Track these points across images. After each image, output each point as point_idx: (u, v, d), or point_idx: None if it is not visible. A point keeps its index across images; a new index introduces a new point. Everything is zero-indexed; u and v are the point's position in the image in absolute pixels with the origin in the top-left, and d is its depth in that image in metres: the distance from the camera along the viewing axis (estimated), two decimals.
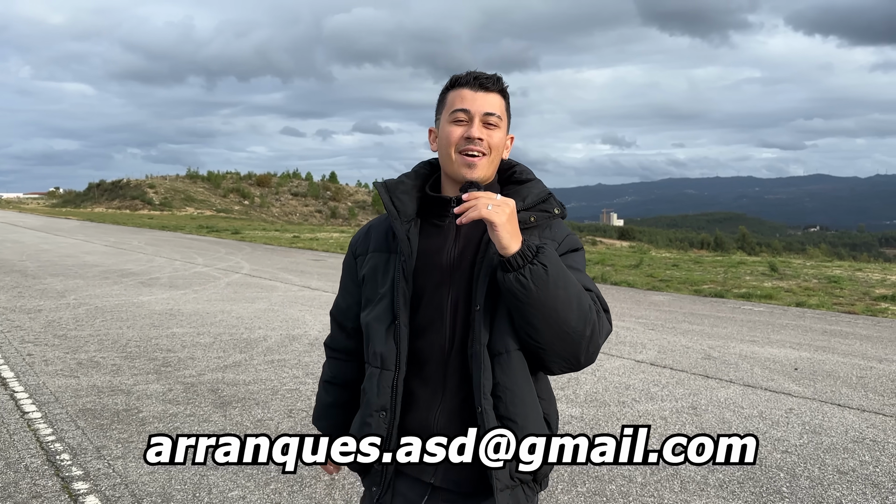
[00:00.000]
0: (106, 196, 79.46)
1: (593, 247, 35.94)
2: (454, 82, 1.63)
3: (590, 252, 21.83)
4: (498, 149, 1.62)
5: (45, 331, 7.71)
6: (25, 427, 4.54)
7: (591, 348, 1.52)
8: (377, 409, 1.73)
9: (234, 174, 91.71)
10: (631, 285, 12.80)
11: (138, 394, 5.31)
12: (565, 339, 1.49)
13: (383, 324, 1.64)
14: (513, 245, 1.44)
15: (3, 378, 5.71)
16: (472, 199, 1.44)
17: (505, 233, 1.43)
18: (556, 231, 1.62)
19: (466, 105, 1.59)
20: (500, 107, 1.62)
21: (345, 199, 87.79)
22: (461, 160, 1.58)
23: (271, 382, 5.67)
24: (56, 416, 4.75)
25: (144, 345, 7.06)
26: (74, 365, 6.18)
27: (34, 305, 9.49)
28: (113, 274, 13.54)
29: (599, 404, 5.20)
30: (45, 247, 20.92)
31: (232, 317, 8.78)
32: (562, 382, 5.78)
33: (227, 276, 13.42)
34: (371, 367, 1.70)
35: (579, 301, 1.47)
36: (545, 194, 1.63)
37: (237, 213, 68.81)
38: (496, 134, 1.60)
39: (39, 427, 4.53)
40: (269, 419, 4.76)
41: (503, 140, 1.63)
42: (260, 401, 5.17)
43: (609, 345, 7.34)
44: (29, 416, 4.75)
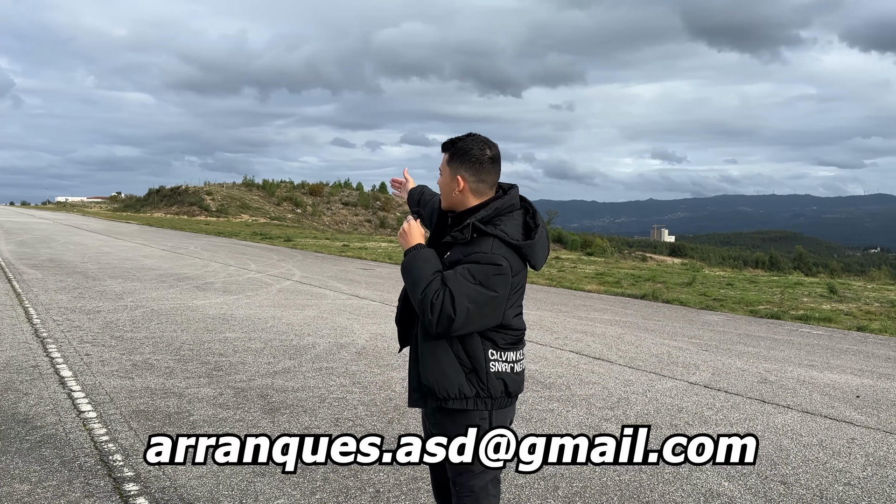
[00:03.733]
0: (165, 201, 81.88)
1: (643, 263, 35.30)
2: None
3: (640, 269, 21.46)
4: (443, 190, 2.51)
5: (102, 332, 7.95)
6: (81, 426, 4.67)
7: (424, 319, 2.31)
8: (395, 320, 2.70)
9: (287, 183, 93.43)
10: (683, 304, 12.51)
11: (190, 397, 5.41)
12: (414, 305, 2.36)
13: None
14: (403, 246, 2.47)
15: (62, 377, 5.90)
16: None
17: (399, 241, 2.49)
18: (472, 247, 2.35)
19: None
20: (442, 162, 2.50)
21: (394, 209, 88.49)
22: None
23: (319, 390, 5.71)
24: (110, 417, 4.87)
25: (197, 348, 7.20)
26: (130, 366, 6.34)
27: (93, 306, 9.80)
28: (169, 278, 13.91)
29: (651, 426, 5.06)
30: (106, 249, 21.64)
31: (282, 323, 8.90)
32: (611, 403, 5.66)
33: (279, 283, 13.64)
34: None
35: (415, 286, 2.33)
36: (465, 224, 2.38)
37: (290, 220, 70.03)
38: (441, 180, 2.51)
39: (94, 427, 4.65)
40: (317, 427, 4.78)
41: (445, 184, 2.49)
42: (308, 408, 5.20)
43: (661, 364, 7.17)
44: (84, 416, 4.88)
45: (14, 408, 5.01)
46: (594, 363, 7.16)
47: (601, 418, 5.21)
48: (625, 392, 6.01)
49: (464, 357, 2.37)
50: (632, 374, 6.74)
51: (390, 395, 5.64)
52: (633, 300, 13.03)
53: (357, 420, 4.96)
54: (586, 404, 5.57)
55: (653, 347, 8.14)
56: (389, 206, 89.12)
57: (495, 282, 2.30)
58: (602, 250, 55.85)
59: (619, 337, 8.78)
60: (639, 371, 6.86)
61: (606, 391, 6.02)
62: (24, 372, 6.02)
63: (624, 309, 11.63)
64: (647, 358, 7.52)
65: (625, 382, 6.36)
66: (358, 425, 4.84)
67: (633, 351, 7.88)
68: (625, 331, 9.29)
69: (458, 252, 2.37)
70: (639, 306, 12.10)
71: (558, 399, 5.69)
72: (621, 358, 7.46)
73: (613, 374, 6.67)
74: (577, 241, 73.34)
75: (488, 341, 2.38)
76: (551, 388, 6.05)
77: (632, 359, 7.44)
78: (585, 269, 20.17)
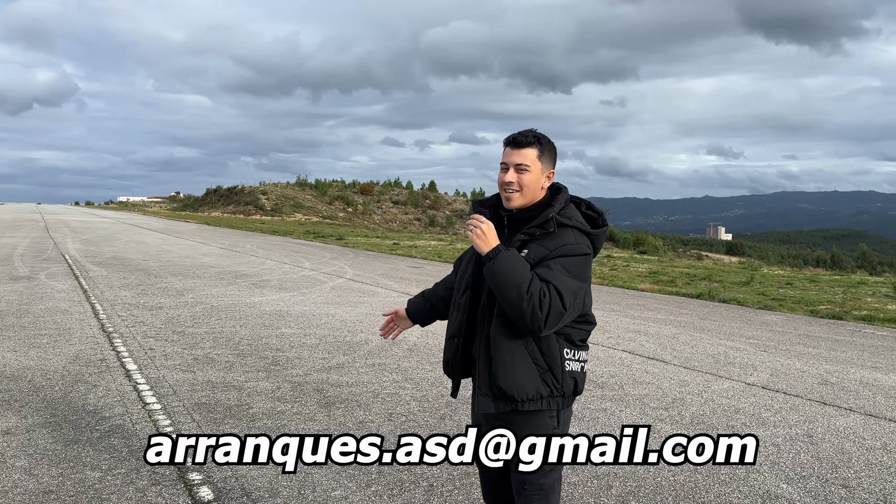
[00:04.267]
0: (222, 201, 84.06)
1: (699, 261, 34.60)
2: (504, 140, 2.47)
3: (695, 267, 21.04)
4: (529, 186, 2.42)
5: (165, 327, 8.24)
6: (146, 417, 4.86)
7: (532, 320, 2.24)
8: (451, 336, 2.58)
9: (339, 182, 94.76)
10: (741, 303, 12.22)
11: (249, 390, 5.57)
12: (511, 309, 2.27)
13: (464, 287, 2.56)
14: (483, 250, 2.32)
15: (128, 370, 6.14)
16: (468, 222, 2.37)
17: (475, 244, 2.34)
18: (554, 242, 2.35)
19: (506, 158, 2.44)
20: (531, 157, 2.40)
21: (443, 207, 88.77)
22: (503, 196, 2.46)
23: (372, 385, 5.81)
24: (174, 409, 5.05)
25: (255, 343, 7.41)
26: (191, 360, 6.56)
27: (156, 303, 10.16)
28: (227, 275, 14.30)
29: (706, 427, 4.99)
30: (167, 248, 22.37)
31: (336, 320, 9.06)
32: (666, 403, 5.59)
33: (332, 281, 13.87)
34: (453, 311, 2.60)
35: (518, 287, 2.23)
36: (546, 218, 2.37)
37: (341, 219, 71.00)
38: (525, 177, 2.40)
39: (159, 418, 4.84)
40: (371, 421, 4.87)
41: (535, 179, 2.42)
42: (362, 403, 5.30)
43: (717, 365, 7.04)
44: (150, 408, 5.07)
45: (84, 399, 5.25)
46: (648, 363, 7.07)
47: (655, 418, 5.15)
48: (680, 392, 5.92)
49: (539, 357, 2.36)
50: (687, 374, 6.63)
51: (442, 391, 5.70)
52: (688, 299, 12.80)
53: (409, 416, 5.03)
54: (640, 404, 5.52)
55: (709, 348, 7.99)
56: (439, 204, 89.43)
57: (585, 271, 2.35)
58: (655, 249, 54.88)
59: (673, 337, 8.65)
60: (694, 371, 6.75)
61: (661, 391, 5.95)
62: (93, 365, 6.30)
63: (679, 308, 11.43)
64: (702, 358, 7.39)
65: (680, 383, 6.27)
66: (411, 420, 4.91)
67: (689, 351, 7.75)
68: (680, 330, 9.14)
69: (541, 247, 2.34)
70: (694, 306, 11.88)
71: (611, 399, 5.65)
72: (676, 358, 7.35)
73: (668, 375, 6.58)
74: (630, 240, 72.17)
75: (563, 340, 2.39)
76: (604, 387, 6.01)
77: (687, 359, 7.32)
78: (638, 267, 19.88)
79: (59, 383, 5.64)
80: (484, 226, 2.33)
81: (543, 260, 2.32)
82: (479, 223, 2.34)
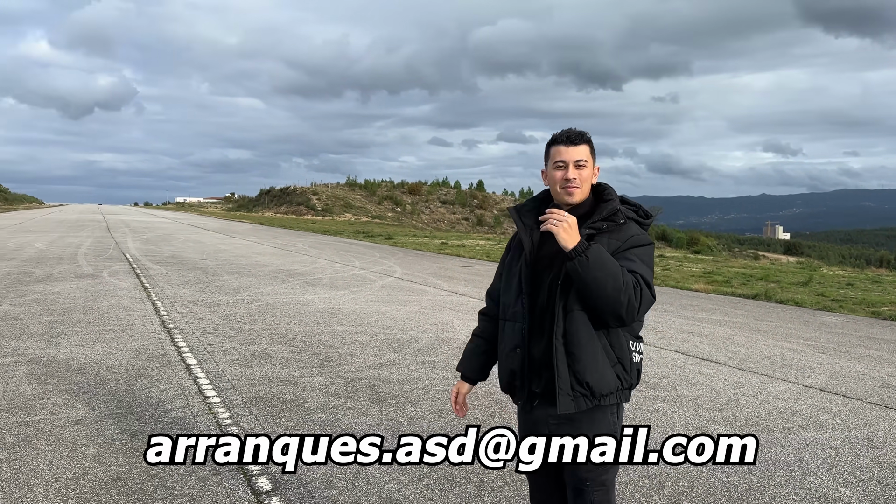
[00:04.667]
0: (275, 201, 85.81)
1: (755, 261, 33.71)
2: (553, 140, 2.46)
3: (751, 267, 20.54)
4: (587, 180, 2.44)
5: (223, 323, 8.50)
6: (206, 410, 5.04)
7: (628, 311, 2.25)
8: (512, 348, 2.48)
9: (387, 182, 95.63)
10: (798, 304, 11.89)
11: (304, 385, 5.72)
12: (606, 303, 2.24)
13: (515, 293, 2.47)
14: (569, 245, 2.25)
15: (188, 365, 6.37)
16: (546, 217, 2.30)
17: (561, 238, 2.26)
18: (623, 233, 2.37)
19: (562, 157, 2.42)
20: (585, 152, 2.43)
21: (491, 207, 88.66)
22: (563, 193, 2.43)
23: (423, 382, 5.89)
24: (232, 402, 5.23)
25: (309, 340, 7.58)
26: (248, 356, 6.76)
27: (213, 300, 10.47)
28: (281, 273, 14.63)
29: (761, 429, 4.90)
30: (223, 247, 22.97)
31: (386, 318, 9.18)
32: (720, 404, 5.51)
33: (382, 280, 14.05)
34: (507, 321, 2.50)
35: (615, 279, 2.22)
36: (614, 210, 2.40)
37: (390, 219, 71.62)
38: (584, 172, 2.42)
39: (219, 411, 5.01)
40: (422, 417, 4.95)
41: (590, 174, 2.45)
42: (413, 399, 5.39)
43: (773, 367, 6.89)
44: (209, 401, 5.26)
45: (147, 392, 5.47)
46: (701, 364, 6.96)
47: (709, 420, 5.08)
48: (734, 394, 5.82)
49: (610, 350, 2.37)
50: (742, 375, 6.51)
51: (492, 389, 5.72)
52: (743, 300, 12.52)
53: None
54: (693, 405, 5.45)
55: (765, 349, 7.81)
56: (486, 204, 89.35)
57: (653, 260, 2.42)
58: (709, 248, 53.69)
59: (728, 338, 8.48)
60: (749, 373, 6.62)
61: (715, 392, 5.86)
62: (155, 359, 6.55)
63: (734, 309, 11.20)
64: (758, 360, 7.23)
65: (734, 384, 6.16)
66: (460, 418, 4.96)
67: (744, 352, 7.60)
68: (734, 331, 8.96)
69: (611, 240, 2.35)
70: (750, 306, 11.61)
71: (663, 399, 5.60)
72: (731, 359, 7.22)
73: (722, 376, 6.47)
74: (684, 239, 70.75)
75: (628, 332, 2.40)
76: (656, 388, 5.95)
77: (742, 360, 7.18)
78: (692, 267, 19.51)
79: (124, 377, 5.89)
80: (571, 219, 2.28)
81: (617, 252, 2.33)
82: (565, 216, 2.28)
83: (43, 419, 4.74)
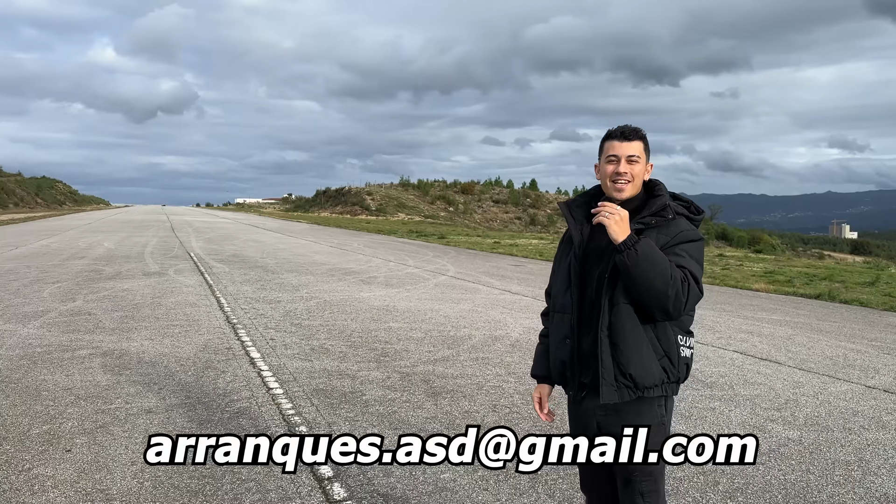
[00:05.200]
0: (330, 202, 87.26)
1: (820, 261, 32.60)
2: (608, 135, 2.51)
3: (814, 267, 19.91)
4: (639, 176, 2.47)
5: (283, 319, 8.77)
6: (270, 401, 5.25)
7: (675, 304, 2.27)
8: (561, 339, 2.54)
9: (440, 182, 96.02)
10: (864, 304, 11.52)
11: (361, 379, 5.89)
12: (654, 296, 2.27)
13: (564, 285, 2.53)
14: (619, 237, 2.28)
15: (252, 358, 6.62)
16: (599, 210, 2.34)
17: (612, 231, 2.29)
18: (673, 228, 2.40)
19: (615, 151, 2.47)
20: (639, 148, 2.47)
21: (544, 206, 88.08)
22: (613, 187, 2.47)
23: (476, 378, 5.98)
24: (294, 393, 5.43)
25: (365, 336, 7.77)
26: (308, 350, 6.99)
27: (274, 297, 10.80)
28: (337, 272, 14.95)
29: (821, 429, 4.83)
30: (281, 246, 23.56)
31: (440, 315, 9.32)
32: (778, 404, 5.43)
33: (435, 278, 14.20)
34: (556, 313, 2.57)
35: (663, 273, 2.25)
36: (663, 205, 2.44)
37: (443, 218, 71.94)
38: (636, 167, 2.46)
39: (282, 402, 5.21)
40: (476, 411, 5.04)
41: (642, 170, 2.48)
42: (467, 394, 5.49)
43: (835, 367, 6.74)
44: (272, 392, 5.47)
45: (214, 383, 5.72)
46: (760, 364, 6.85)
47: (766, 419, 5.03)
48: (794, 394, 5.73)
49: (657, 344, 2.40)
50: (802, 376, 6.39)
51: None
52: (806, 300, 12.19)
53: (513, 407, 5.16)
54: (750, 404, 5.39)
55: (827, 350, 7.63)
56: (539, 202, 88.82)
57: (702, 257, 2.43)
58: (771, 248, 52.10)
59: (788, 338, 8.31)
60: (810, 373, 6.49)
61: (773, 392, 5.78)
62: (220, 353, 6.83)
63: (795, 309, 10.92)
64: (819, 360, 7.07)
65: (794, 384, 6.06)
66: (514, 412, 5.04)
67: (805, 353, 7.44)
68: (796, 332, 8.76)
69: (660, 235, 2.38)
70: (812, 306, 11.31)
71: (720, 398, 5.55)
72: (791, 359, 7.08)
73: (782, 376, 6.36)
74: (745, 238, 68.83)
75: (676, 326, 2.42)
76: (713, 387, 5.90)
77: (803, 360, 7.04)
78: (752, 266, 19.05)
79: (192, 369, 6.17)
80: (623, 212, 2.32)
81: (666, 247, 2.35)
82: (617, 209, 2.33)
83: (118, 407, 5.02)
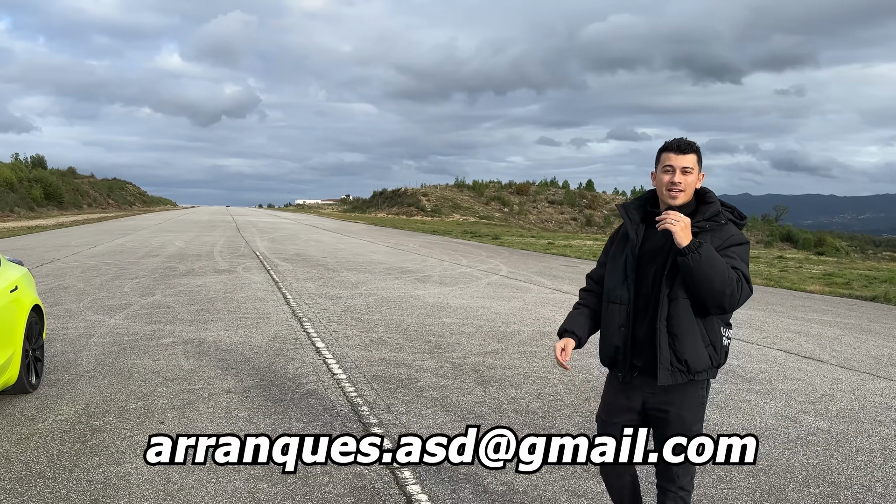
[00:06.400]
0: (387, 203, 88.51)
1: (887, 264, 31.57)
2: (665, 147, 2.75)
3: (878, 269, 19.49)
4: (691, 185, 2.71)
5: (344, 314, 9.36)
6: (335, 385, 5.78)
7: (730, 301, 2.55)
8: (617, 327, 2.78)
9: (495, 183, 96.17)
10: None
11: (417, 367, 6.38)
12: (712, 294, 2.55)
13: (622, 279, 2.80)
14: (683, 242, 2.54)
15: (317, 347, 7.20)
16: (663, 217, 2.58)
17: (678, 236, 2.54)
18: (724, 233, 2.66)
19: (671, 162, 2.71)
20: (692, 161, 2.71)
21: (601, 206, 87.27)
22: (668, 195, 2.71)
23: (523, 369, 6.40)
24: (356, 379, 5.95)
25: (420, 330, 8.27)
26: (368, 342, 7.53)
27: (335, 293, 11.43)
28: (394, 271, 15.54)
29: (852, 420, 5.07)
30: (341, 246, 24.38)
31: (491, 312, 9.75)
32: (814, 398, 5.67)
33: (488, 277, 14.64)
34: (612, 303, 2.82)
35: (722, 274, 2.52)
36: (716, 212, 2.70)
37: (497, 219, 72.17)
38: (689, 178, 2.70)
39: (345, 386, 5.74)
40: (521, 398, 5.47)
41: (695, 180, 2.72)
42: (514, 383, 5.91)
43: (878, 366, 6.89)
44: (337, 377, 6.01)
45: (284, 368, 6.30)
46: (802, 361, 7.05)
47: (799, 411, 5.28)
48: (830, 389, 5.95)
49: (705, 334, 2.67)
50: (842, 373, 6.57)
51: (588, 377, 6.16)
52: (860, 302, 12.13)
53: (556, 396, 5.56)
54: (786, 398, 5.65)
55: (872, 349, 7.74)
56: (596, 203, 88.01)
57: (749, 257, 2.69)
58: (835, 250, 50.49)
59: (835, 338, 8.42)
60: (851, 371, 6.67)
61: (810, 387, 6.00)
62: (289, 343, 7.43)
63: (848, 311, 10.93)
64: (863, 359, 7.22)
65: (833, 380, 6.26)
66: (557, 400, 5.44)
67: (849, 352, 7.58)
68: (844, 332, 8.85)
69: (713, 238, 2.63)
70: (866, 309, 11.28)
71: (757, 392, 5.82)
72: (834, 358, 7.24)
73: (822, 373, 6.56)
74: (810, 240, 66.72)
75: (720, 319, 2.70)
76: (751, 381, 6.16)
77: (846, 359, 7.19)
78: (812, 269, 18.82)
79: (264, 356, 6.77)
80: (685, 220, 2.56)
81: (718, 249, 2.60)
82: (681, 217, 2.56)
83: (201, 388, 5.63)
